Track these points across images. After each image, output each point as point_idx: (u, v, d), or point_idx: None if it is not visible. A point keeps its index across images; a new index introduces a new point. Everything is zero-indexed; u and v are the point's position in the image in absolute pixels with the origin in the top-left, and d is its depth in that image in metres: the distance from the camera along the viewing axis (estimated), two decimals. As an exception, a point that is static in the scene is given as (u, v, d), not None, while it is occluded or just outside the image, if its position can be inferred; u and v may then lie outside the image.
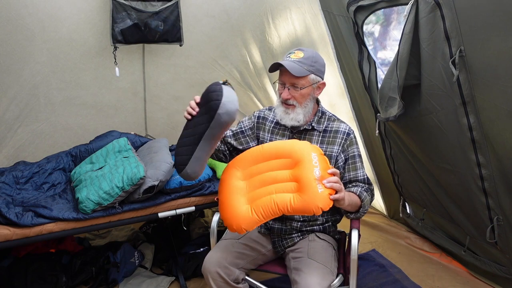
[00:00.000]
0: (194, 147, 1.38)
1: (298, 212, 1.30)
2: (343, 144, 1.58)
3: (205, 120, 1.36)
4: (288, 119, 1.57)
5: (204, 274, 1.55)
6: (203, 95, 1.42)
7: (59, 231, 1.92)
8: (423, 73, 1.80)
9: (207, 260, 1.56)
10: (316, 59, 1.54)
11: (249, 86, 3.24)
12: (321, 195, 1.27)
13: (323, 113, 1.64)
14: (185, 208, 2.15)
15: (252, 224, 1.33)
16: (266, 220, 1.33)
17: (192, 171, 1.40)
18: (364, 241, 2.58)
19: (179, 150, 1.43)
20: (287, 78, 1.52)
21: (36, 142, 2.77)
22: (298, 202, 1.28)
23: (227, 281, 1.51)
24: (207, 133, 1.36)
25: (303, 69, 1.49)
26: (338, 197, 1.31)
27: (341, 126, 1.61)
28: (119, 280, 2.20)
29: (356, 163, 1.59)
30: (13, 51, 2.37)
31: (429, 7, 1.60)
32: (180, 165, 1.41)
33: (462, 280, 2.13)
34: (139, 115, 3.14)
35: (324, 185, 1.29)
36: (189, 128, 1.43)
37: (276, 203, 1.31)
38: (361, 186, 1.57)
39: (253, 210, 1.33)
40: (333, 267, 1.52)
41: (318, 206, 1.26)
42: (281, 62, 1.49)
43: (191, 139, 1.39)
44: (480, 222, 1.92)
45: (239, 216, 1.34)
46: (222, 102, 1.31)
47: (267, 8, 2.75)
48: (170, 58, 2.89)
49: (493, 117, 1.58)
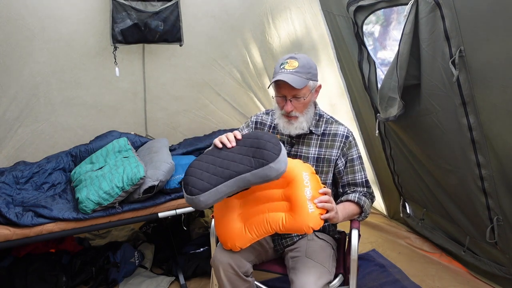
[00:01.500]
0: (222, 180, 1.30)
1: (290, 231, 1.35)
2: (342, 148, 1.58)
3: (249, 163, 1.30)
4: (293, 129, 1.56)
5: (215, 265, 1.53)
6: (253, 138, 1.37)
7: (59, 231, 1.92)
8: (423, 73, 1.80)
9: (217, 252, 1.55)
10: (310, 65, 1.51)
11: (249, 86, 3.24)
12: (312, 215, 1.31)
13: (320, 115, 1.63)
14: (185, 208, 2.15)
15: (246, 242, 1.41)
16: (259, 238, 1.40)
17: (204, 200, 1.30)
18: (364, 241, 2.58)
19: (201, 174, 1.33)
20: (288, 91, 1.48)
21: (36, 142, 2.77)
22: (290, 222, 1.33)
23: (238, 273, 1.50)
24: (244, 176, 1.29)
25: (302, 79, 1.47)
26: (329, 217, 1.34)
27: (339, 129, 1.60)
28: (119, 280, 2.20)
29: (354, 166, 1.59)
30: (13, 51, 2.37)
31: (429, 7, 1.60)
32: (195, 188, 1.30)
33: (462, 280, 2.13)
34: (139, 116, 3.13)
35: (316, 205, 1.32)
36: (220, 158, 1.35)
37: (268, 222, 1.36)
38: (359, 191, 1.57)
39: (246, 228, 1.40)
40: (330, 267, 1.52)
41: (308, 226, 1.30)
42: (281, 78, 1.44)
43: (220, 171, 1.31)
44: (480, 222, 1.92)
45: (234, 235, 1.41)
46: (278, 158, 1.29)
47: (267, 8, 2.75)
48: (170, 58, 2.89)
49: (493, 117, 1.58)
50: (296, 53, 1.55)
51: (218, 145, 1.40)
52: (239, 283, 1.51)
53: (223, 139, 1.41)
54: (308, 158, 1.59)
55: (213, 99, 3.21)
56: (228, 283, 1.50)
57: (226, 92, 3.22)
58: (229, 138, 1.40)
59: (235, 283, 1.50)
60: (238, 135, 1.41)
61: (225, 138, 1.40)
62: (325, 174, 1.59)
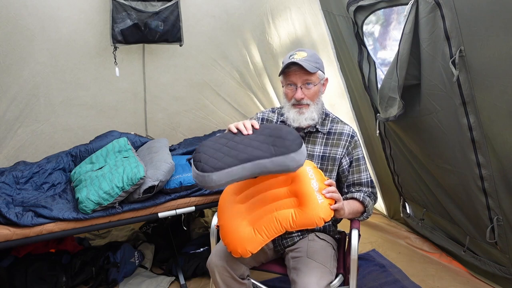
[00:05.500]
0: (237, 162, 1.24)
1: (301, 226, 1.30)
2: (347, 147, 1.60)
3: (268, 150, 1.26)
4: (303, 119, 1.55)
5: (210, 268, 1.54)
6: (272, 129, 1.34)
7: (59, 231, 1.92)
8: (423, 73, 1.80)
9: (213, 254, 1.55)
10: (318, 57, 1.58)
11: (249, 86, 3.24)
12: (322, 205, 1.28)
13: (326, 114, 1.66)
14: (185, 208, 2.15)
15: (257, 245, 1.33)
16: (270, 239, 1.33)
17: (217, 179, 1.23)
18: (364, 241, 2.58)
19: (215, 153, 1.27)
20: (298, 77, 1.51)
21: (36, 142, 2.77)
22: (300, 216, 1.29)
23: (233, 276, 1.50)
24: (263, 162, 1.24)
25: (312, 66, 1.51)
26: (338, 207, 1.33)
27: (345, 128, 1.62)
28: (119, 280, 2.20)
29: (360, 166, 1.60)
30: (13, 51, 2.37)
31: (429, 7, 1.60)
32: (208, 165, 1.23)
33: (462, 280, 2.13)
34: (139, 116, 3.14)
35: (324, 195, 1.30)
36: (235, 142, 1.31)
37: (278, 221, 1.31)
38: (364, 191, 1.58)
39: (256, 230, 1.33)
40: (332, 267, 1.52)
41: (320, 216, 1.27)
42: (295, 61, 1.48)
43: (235, 153, 1.26)
44: (480, 222, 1.92)
45: (243, 239, 1.33)
46: (300, 150, 1.26)
47: (267, 8, 2.75)
48: (170, 59, 2.89)
49: (493, 117, 1.58)
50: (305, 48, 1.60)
51: (233, 130, 1.35)
52: (235, 285, 1.51)
53: (240, 125, 1.36)
54: (313, 156, 1.60)
55: (213, 99, 3.22)
56: (224, 285, 1.50)
57: (226, 92, 3.23)
58: (246, 126, 1.35)
59: (231, 286, 1.51)
60: (256, 124, 1.37)
61: (242, 125, 1.35)
62: (329, 173, 1.60)
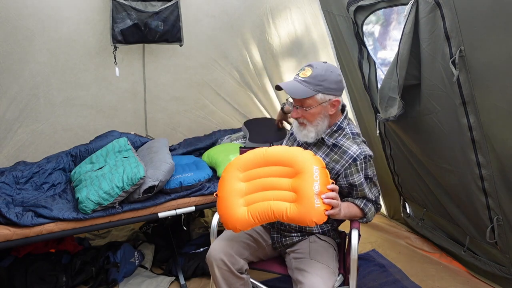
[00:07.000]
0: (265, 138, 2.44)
1: (293, 222, 1.35)
2: (346, 168, 1.53)
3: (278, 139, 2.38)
4: (301, 136, 1.59)
5: (209, 262, 1.55)
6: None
7: (59, 231, 1.92)
8: (423, 73, 1.80)
9: (212, 248, 1.56)
10: (325, 77, 1.47)
11: (249, 87, 3.23)
12: (317, 210, 1.32)
13: (340, 127, 1.56)
14: (185, 208, 2.15)
15: (247, 226, 1.40)
16: (260, 224, 1.39)
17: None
18: (364, 241, 2.57)
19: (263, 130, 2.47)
20: (294, 98, 1.53)
21: (36, 142, 2.77)
22: (294, 213, 1.33)
23: (232, 270, 1.51)
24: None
25: (307, 89, 1.46)
26: (333, 213, 1.35)
27: (351, 148, 1.52)
28: (119, 280, 2.20)
29: (364, 190, 1.55)
30: (13, 51, 2.37)
31: (429, 7, 1.60)
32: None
33: (462, 280, 2.13)
34: (139, 116, 3.13)
35: (322, 200, 1.32)
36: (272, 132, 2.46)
37: (272, 210, 1.36)
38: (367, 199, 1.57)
39: (249, 213, 1.38)
40: (334, 267, 1.53)
41: (312, 220, 1.31)
42: (281, 84, 1.50)
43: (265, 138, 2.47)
44: (480, 222, 1.92)
45: (236, 217, 1.39)
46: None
47: (267, 8, 2.75)
48: (170, 59, 2.89)
49: (493, 117, 1.58)
50: (318, 62, 1.52)
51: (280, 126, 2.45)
52: (233, 280, 1.52)
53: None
54: None
55: (213, 99, 3.21)
56: (222, 279, 1.51)
57: (226, 92, 3.22)
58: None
59: (229, 280, 1.52)
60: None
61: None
62: None
